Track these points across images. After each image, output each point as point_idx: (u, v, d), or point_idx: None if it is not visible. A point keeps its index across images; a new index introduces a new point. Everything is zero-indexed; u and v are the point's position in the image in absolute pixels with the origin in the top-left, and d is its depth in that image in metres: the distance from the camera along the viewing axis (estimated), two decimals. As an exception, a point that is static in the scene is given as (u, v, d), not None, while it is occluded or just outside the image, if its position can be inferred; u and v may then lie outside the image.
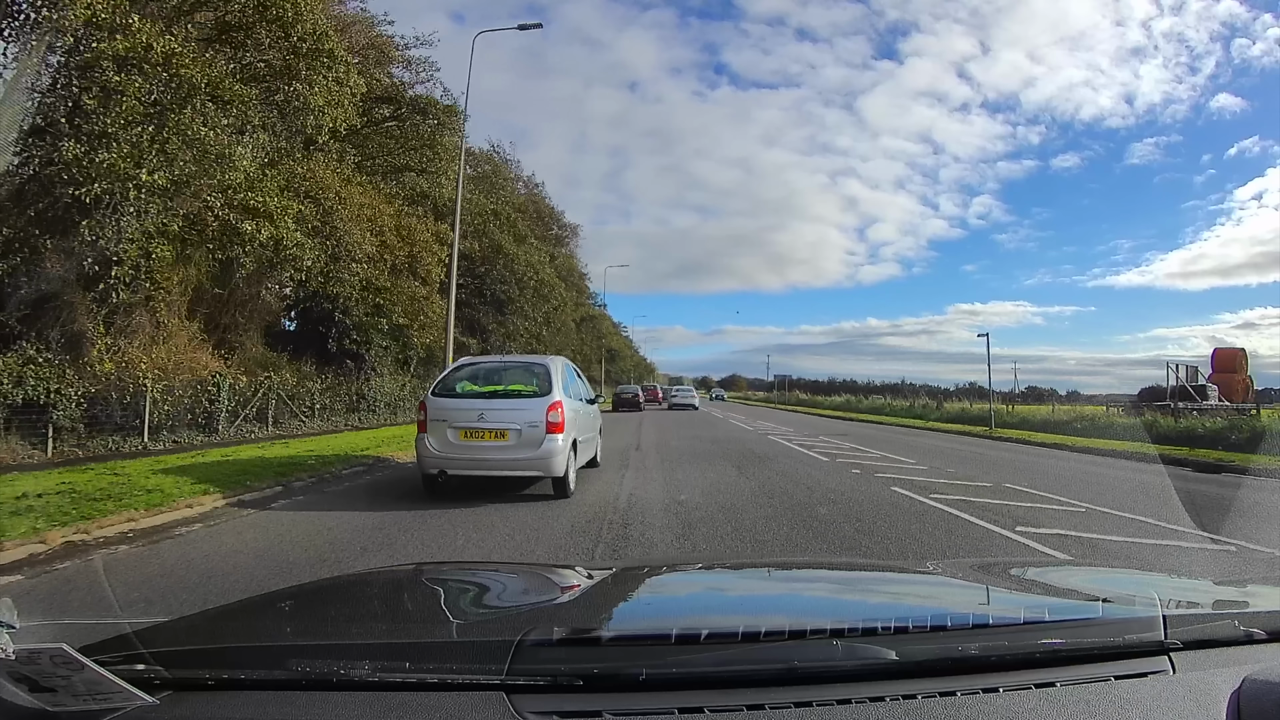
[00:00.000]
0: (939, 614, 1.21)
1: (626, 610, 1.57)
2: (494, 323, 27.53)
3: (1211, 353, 29.65)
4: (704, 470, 10.17)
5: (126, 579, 4.47)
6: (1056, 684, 1.07)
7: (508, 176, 38.54)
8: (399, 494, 7.76)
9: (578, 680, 1.00)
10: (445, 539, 5.65)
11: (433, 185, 24.16)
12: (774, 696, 1.00)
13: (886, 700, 1.00)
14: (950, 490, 8.60)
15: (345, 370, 19.18)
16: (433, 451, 7.25)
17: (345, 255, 16.98)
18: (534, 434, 7.17)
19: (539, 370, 7.88)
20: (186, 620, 1.43)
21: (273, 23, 12.05)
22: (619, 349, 67.44)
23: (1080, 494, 8.59)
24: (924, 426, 25.74)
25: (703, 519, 6.48)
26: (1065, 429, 20.49)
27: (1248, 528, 6.69)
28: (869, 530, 6.13)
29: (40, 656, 0.91)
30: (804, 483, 9.07)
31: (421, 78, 23.49)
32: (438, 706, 0.95)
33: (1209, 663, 1.16)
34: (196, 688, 1.00)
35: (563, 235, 49.06)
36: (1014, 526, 6.40)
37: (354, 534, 5.78)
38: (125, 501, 6.42)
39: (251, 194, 12.52)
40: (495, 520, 6.34)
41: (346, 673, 1.00)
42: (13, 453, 9.41)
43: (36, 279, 10.57)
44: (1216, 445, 14.47)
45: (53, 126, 9.96)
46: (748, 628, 1.09)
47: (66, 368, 10.43)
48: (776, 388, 76.02)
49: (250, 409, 14.59)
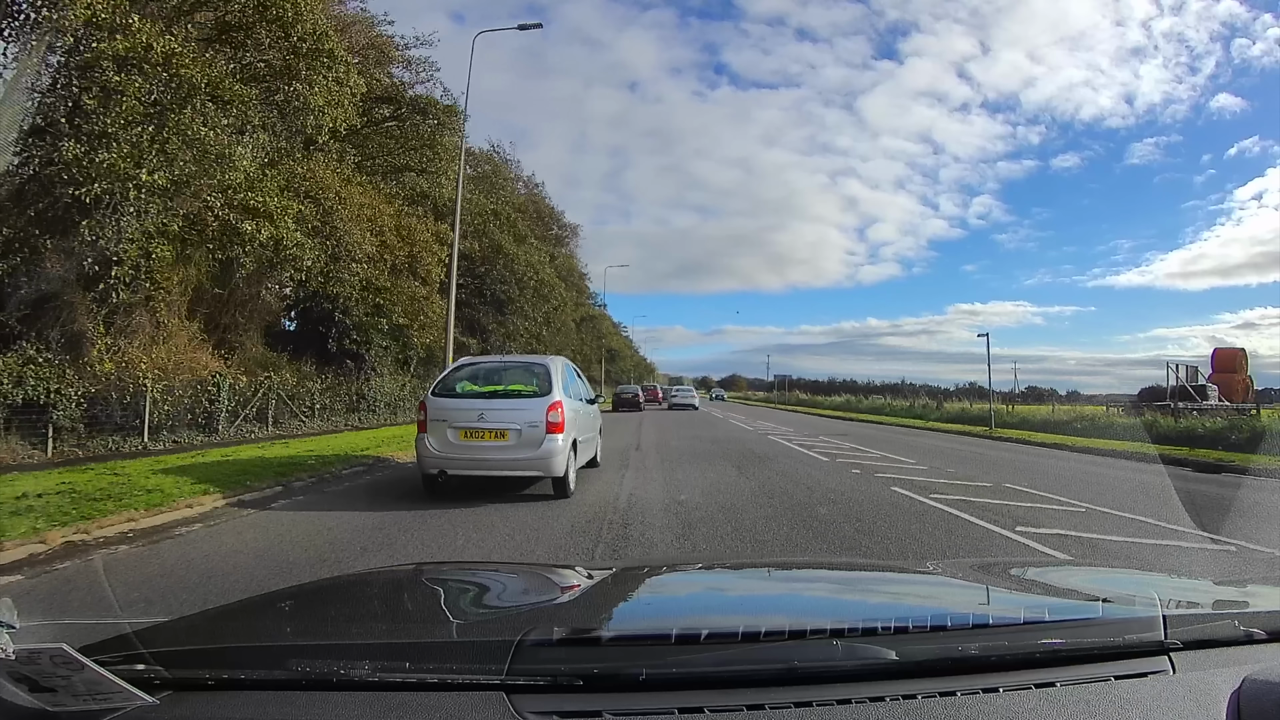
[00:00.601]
0: (939, 614, 1.21)
1: (626, 610, 1.57)
2: (494, 323, 27.49)
3: (1211, 353, 29.68)
4: (704, 470, 10.17)
5: (126, 579, 4.47)
6: (1056, 684, 1.07)
7: (508, 176, 38.54)
8: (399, 494, 7.76)
9: (578, 680, 1.00)
10: (445, 539, 5.65)
11: (433, 185, 24.15)
12: (774, 696, 1.00)
13: (886, 700, 1.00)
14: (950, 490, 8.60)
15: (345, 370, 19.15)
16: (433, 451, 7.23)
17: (345, 255, 16.98)
18: (534, 434, 7.16)
19: (539, 370, 7.86)
20: (186, 620, 1.43)
21: (273, 23, 12.05)
22: (619, 349, 67.36)
23: (1080, 494, 8.58)
24: (924, 426, 25.74)
25: (703, 519, 6.48)
26: (1065, 429, 20.48)
27: (1248, 528, 6.69)
28: (869, 530, 6.13)
29: (40, 656, 0.91)
30: (804, 483, 9.06)
31: (421, 78, 23.52)
32: (438, 706, 0.95)
33: (1209, 663, 1.16)
34: (196, 688, 1.00)
35: (563, 235, 49.08)
36: (1014, 526, 6.40)
37: (354, 534, 5.78)
38: (125, 501, 6.42)
39: (251, 194, 12.51)
40: (495, 520, 6.34)
41: (346, 673, 1.00)
42: (13, 453, 9.41)
43: (37, 279, 10.57)
44: (1216, 445, 14.47)
45: (53, 126, 9.95)
46: (748, 628, 1.08)
47: (66, 368, 10.43)
48: (776, 388, 76.02)
49: (250, 409, 14.59)
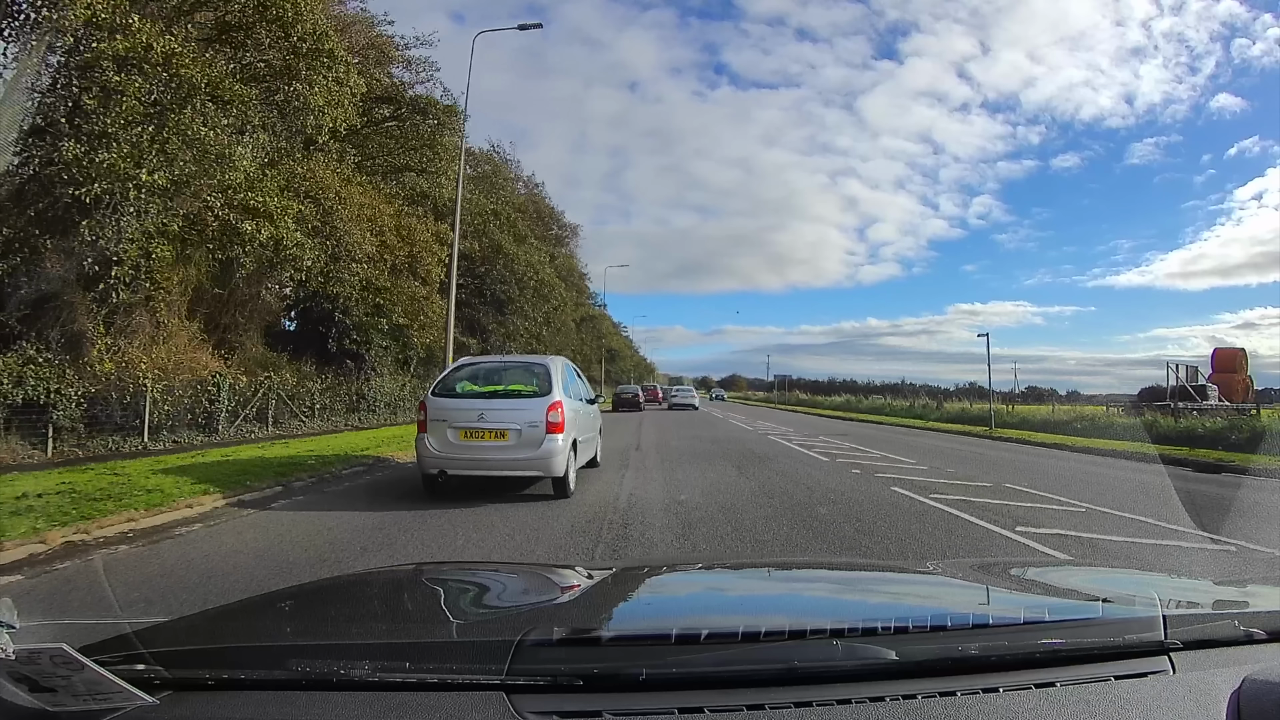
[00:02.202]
0: (939, 614, 1.21)
1: (626, 610, 1.57)
2: (494, 323, 27.51)
3: (1211, 353, 29.69)
4: (704, 470, 10.16)
5: (126, 579, 4.47)
6: (1056, 684, 1.07)
7: (508, 176, 38.54)
8: (399, 494, 7.76)
9: (578, 680, 1.00)
10: (445, 539, 5.65)
11: (433, 185, 24.14)
12: (774, 696, 1.00)
13: (886, 700, 1.00)
14: (950, 490, 8.59)
15: (345, 370, 19.16)
16: (433, 451, 7.23)
17: (345, 255, 16.98)
18: (534, 434, 7.16)
19: (539, 370, 7.87)
20: (186, 620, 1.43)
21: (273, 23, 12.05)
22: (619, 349, 67.40)
23: (1080, 494, 8.58)
24: (924, 426, 25.74)
25: (703, 519, 6.48)
26: (1065, 429, 20.47)
27: (1248, 528, 6.69)
28: (869, 530, 6.13)
29: (40, 656, 0.91)
30: (804, 483, 9.06)
31: (421, 78, 23.50)
32: (438, 706, 0.95)
33: (1209, 663, 1.15)
34: (196, 688, 1.00)
35: (563, 235, 49.09)
36: (1014, 526, 6.40)
37: (354, 534, 5.78)
38: (125, 501, 6.42)
39: (251, 194, 12.51)
40: (495, 520, 6.34)
41: (346, 673, 1.00)
42: (13, 453, 9.40)
43: (37, 279, 10.57)
44: (1216, 445, 14.46)
45: (53, 126, 9.95)
46: (748, 628, 1.08)
47: (66, 368, 10.43)
48: (776, 388, 76.00)
49: (250, 409, 14.58)
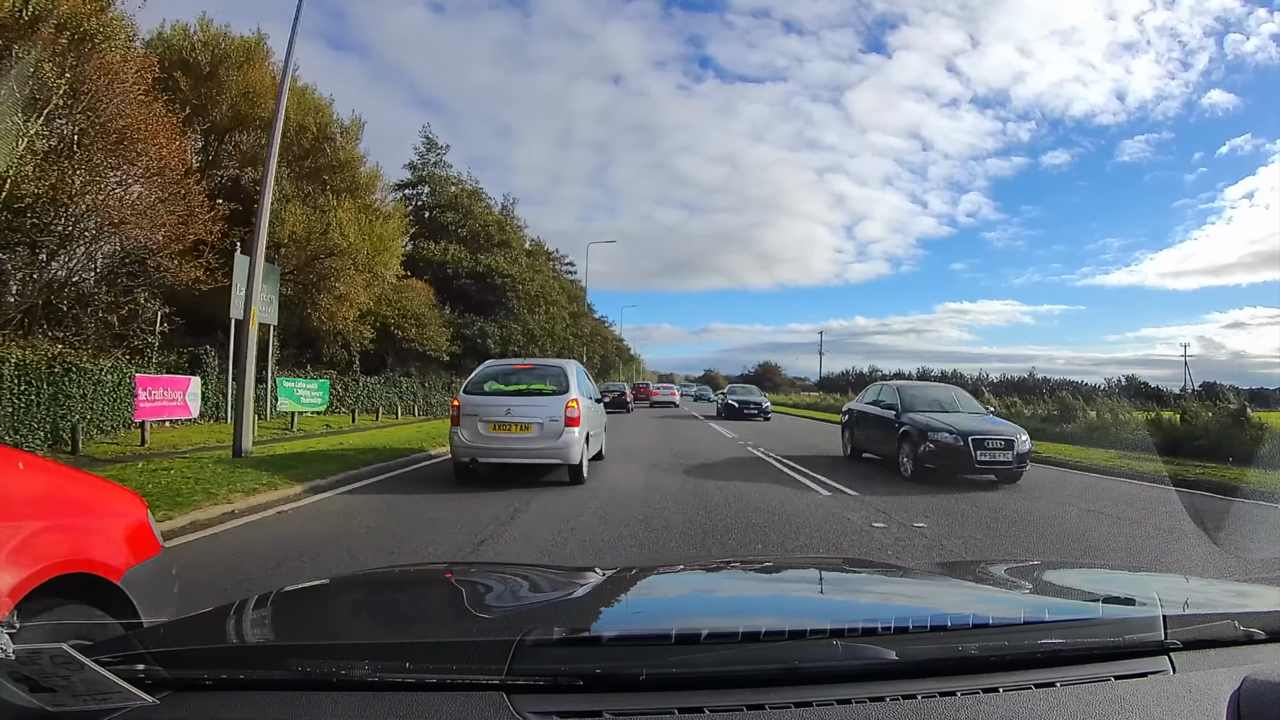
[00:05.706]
0: (939, 614, 1.21)
1: (627, 610, 1.56)
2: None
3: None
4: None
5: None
6: (1056, 684, 1.06)
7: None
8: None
9: (578, 680, 1.00)
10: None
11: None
12: (774, 696, 1.00)
13: (886, 700, 0.99)
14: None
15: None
16: (465, 442, 8.07)
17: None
18: (554, 427, 8.02)
19: (557, 372, 8.80)
20: (186, 620, 1.42)
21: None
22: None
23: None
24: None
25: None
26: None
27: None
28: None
29: (40, 656, 0.91)
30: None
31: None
32: (438, 706, 0.94)
33: (1209, 663, 1.15)
34: (196, 688, 1.00)
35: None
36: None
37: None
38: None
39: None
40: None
41: (346, 673, 0.99)
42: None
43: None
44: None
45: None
46: (748, 628, 1.08)
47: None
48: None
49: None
